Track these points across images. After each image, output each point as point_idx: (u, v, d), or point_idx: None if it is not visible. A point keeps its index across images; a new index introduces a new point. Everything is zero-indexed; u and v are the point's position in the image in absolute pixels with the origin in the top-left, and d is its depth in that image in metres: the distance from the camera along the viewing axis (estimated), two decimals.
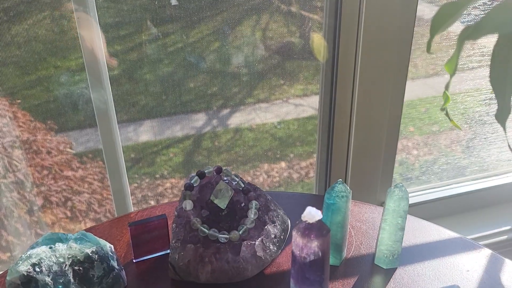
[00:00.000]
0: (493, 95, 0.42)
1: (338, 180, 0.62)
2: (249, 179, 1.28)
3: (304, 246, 0.43)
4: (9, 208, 1.17)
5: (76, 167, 1.31)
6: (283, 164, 1.33)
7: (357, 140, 1.04)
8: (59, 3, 0.97)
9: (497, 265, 0.66)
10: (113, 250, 0.62)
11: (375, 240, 0.69)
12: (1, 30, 0.96)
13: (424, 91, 1.42)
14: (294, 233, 0.43)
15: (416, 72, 1.34)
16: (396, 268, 0.65)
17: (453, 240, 0.71)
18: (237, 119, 1.27)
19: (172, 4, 1.06)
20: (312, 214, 0.43)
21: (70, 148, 1.36)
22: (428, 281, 0.63)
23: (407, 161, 1.36)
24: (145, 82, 1.19)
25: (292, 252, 0.44)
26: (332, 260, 0.65)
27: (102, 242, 0.61)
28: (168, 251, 0.66)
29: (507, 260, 0.67)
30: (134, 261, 0.66)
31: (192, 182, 0.63)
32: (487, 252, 0.68)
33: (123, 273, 0.62)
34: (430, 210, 1.23)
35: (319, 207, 0.74)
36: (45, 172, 1.26)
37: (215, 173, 0.65)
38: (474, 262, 0.66)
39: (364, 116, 1.03)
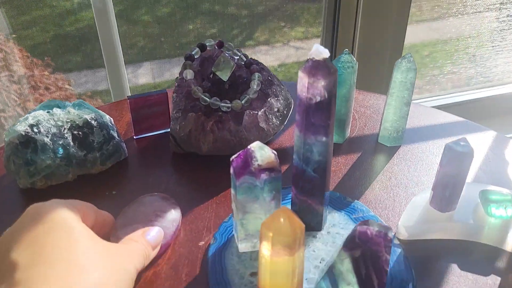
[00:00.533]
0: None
1: (345, 50, 0.60)
2: None
3: (310, 86, 0.41)
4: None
5: None
6: None
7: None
8: None
9: (502, 144, 0.65)
10: (112, 122, 0.61)
11: (379, 123, 0.68)
12: None
13: (428, 35, 1.38)
14: (300, 73, 0.41)
15: (420, 15, 1.29)
16: (400, 146, 0.64)
17: (459, 123, 0.70)
18: None
19: None
20: (319, 51, 0.41)
21: (69, 85, 1.33)
22: (432, 157, 0.62)
23: None
24: (143, 23, 1.15)
25: (298, 96, 0.42)
26: (335, 138, 0.65)
27: (101, 112, 0.60)
28: (169, 129, 0.65)
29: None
30: (134, 137, 0.65)
31: (192, 53, 0.61)
32: (493, 133, 0.67)
33: (124, 145, 0.61)
34: None
35: None
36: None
37: (216, 47, 0.62)
38: (480, 141, 0.65)
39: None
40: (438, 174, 0.49)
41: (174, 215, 0.50)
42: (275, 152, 0.43)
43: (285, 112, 0.63)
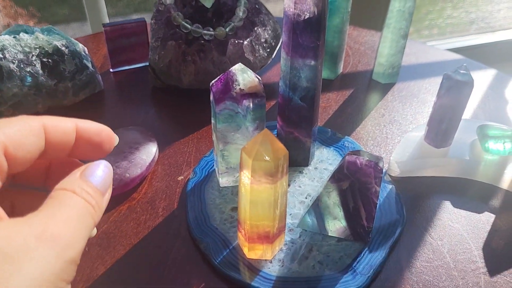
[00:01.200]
0: None
1: None
2: None
3: (298, 1, 0.37)
4: None
5: None
6: None
7: None
8: None
9: (502, 83, 0.61)
10: (86, 51, 0.56)
11: (374, 59, 0.64)
12: None
13: None
14: None
15: None
16: (395, 83, 0.61)
17: (458, 61, 0.66)
18: None
19: None
20: None
21: None
22: (428, 95, 0.59)
23: None
24: None
25: (284, 12, 0.38)
26: (326, 73, 0.61)
27: (74, 40, 0.55)
28: (147, 63, 0.61)
29: None
30: (111, 70, 0.61)
31: None
32: (493, 71, 0.63)
33: (99, 76, 0.57)
34: None
35: None
36: None
37: None
38: (479, 79, 0.62)
39: None
40: (434, 106, 0.45)
41: (150, 147, 0.47)
42: (259, 78, 0.40)
43: (273, 43, 0.58)
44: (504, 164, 0.46)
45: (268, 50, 0.57)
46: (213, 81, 0.40)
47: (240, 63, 0.39)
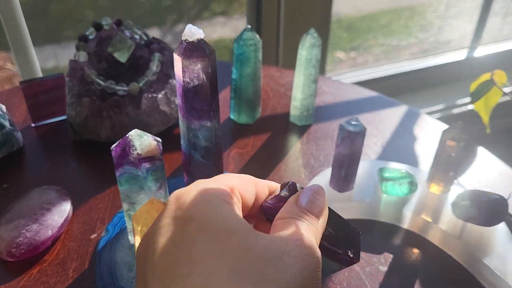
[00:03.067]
0: None
1: (247, 26, 0.57)
2: None
3: (186, 70, 0.39)
4: None
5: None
6: None
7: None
8: None
9: (411, 118, 0.65)
10: (4, 109, 0.57)
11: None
12: None
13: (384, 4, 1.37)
14: (174, 55, 0.39)
15: None
16: (311, 124, 0.64)
17: (372, 99, 0.69)
18: None
19: None
20: (192, 31, 0.38)
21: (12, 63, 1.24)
22: None
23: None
24: None
25: (176, 79, 0.40)
26: (245, 119, 0.63)
27: None
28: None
29: (422, 114, 0.66)
30: (32, 125, 0.62)
31: (87, 33, 0.57)
32: (404, 107, 0.67)
33: (18, 134, 0.57)
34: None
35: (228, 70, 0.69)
36: None
37: (115, 26, 0.59)
38: (391, 116, 0.65)
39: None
40: (334, 154, 0.48)
41: (63, 207, 0.48)
42: (159, 139, 0.41)
43: None
44: (402, 205, 0.49)
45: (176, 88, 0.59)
46: (113, 146, 0.41)
47: (137, 129, 0.40)
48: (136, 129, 0.41)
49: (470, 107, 1.25)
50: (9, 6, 0.79)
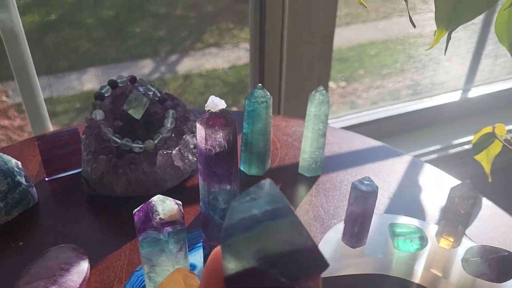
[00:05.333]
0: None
1: (258, 85, 0.60)
2: None
3: (209, 138, 0.41)
4: None
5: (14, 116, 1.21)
6: (234, 109, 1.29)
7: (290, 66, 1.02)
8: None
9: (416, 169, 0.67)
10: (20, 166, 0.58)
11: (300, 151, 0.69)
12: None
13: (373, 35, 1.42)
14: (197, 124, 0.41)
15: (367, 15, 1.32)
16: (319, 175, 0.65)
17: (377, 149, 0.71)
18: (186, 65, 1.21)
19: None
20: (215, 103, 0.40)
21: (7, 96, 1.25)
22: (349, 186, 0.63)
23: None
24: (87, 26, 1.10)
25: (197, 146, 0.42)
26: (255, 171, 0.64)
27: (6, 157, 0.57)
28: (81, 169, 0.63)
29: (426, 165, 0.68)
30: (46, 179, 0.62)
31: (103, 91, 0.59)
32: (409, 158, 0.69)
33: (33, 190, 0.58)
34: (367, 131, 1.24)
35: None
36: None
37: (129, 83, 0.61)
38: (396, 167, 0.67)
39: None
40: (347, 211, 0.50)
41: (81, 267, 0.48)
42: (179, 202, 0.42)
43: None
44: (413, 259, 0.50)
45: (197, 154, 0.61)
46: (135, 210, 0.42)
47: (159, 195, 0.42)
48: (159, 195, 0.42)
49: (467, 146, 1.28)
50: (14, 35, 0.82)
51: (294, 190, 0.63)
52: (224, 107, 0.40)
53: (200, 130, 0.41)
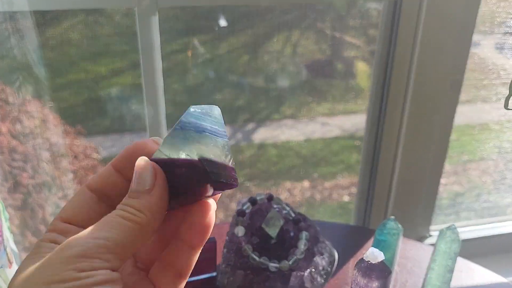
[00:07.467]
0: None
1: (390, 217, 0.62)
2: None
3: (365, 286, 0.43)
4: (34, 208, 1.17)
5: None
6: (306, 183, 1.31)
7: (402, 171, 1.04)
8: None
9: None
10: None
11: (421, 279, 0.69)
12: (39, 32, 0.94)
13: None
14: (355, 271, 0.43)
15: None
16: None
17: (500, 285, 0.70)
18: (261, 135, 1.26)
19: (221, 26, 1.06)
20: (375, 255, 0.43)
21: (96, 152, 1.36)
22: None
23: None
24: (173, 91, 1.18)
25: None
26: None
27: None
28: (213, 274, 0.67)
29: None
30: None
31: (244, 208, 0.64)
32: None
33: None
34: (470, 249, 1.20)
35: (362, 239, 0.75)
36: (71, 175, 1.26)
37: (266, 201, 0.66)
38: None
39: (412, 148, 1.02)
40: None
41: None
42: None
43: (329, 269, 0.64)
44: None
45: (325, 276, 0.63)
46: None
47: None
48: None
49: None
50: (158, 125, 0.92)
51: None
52: (383, 259, 0.43)
53: (357, 278, 0.43)
